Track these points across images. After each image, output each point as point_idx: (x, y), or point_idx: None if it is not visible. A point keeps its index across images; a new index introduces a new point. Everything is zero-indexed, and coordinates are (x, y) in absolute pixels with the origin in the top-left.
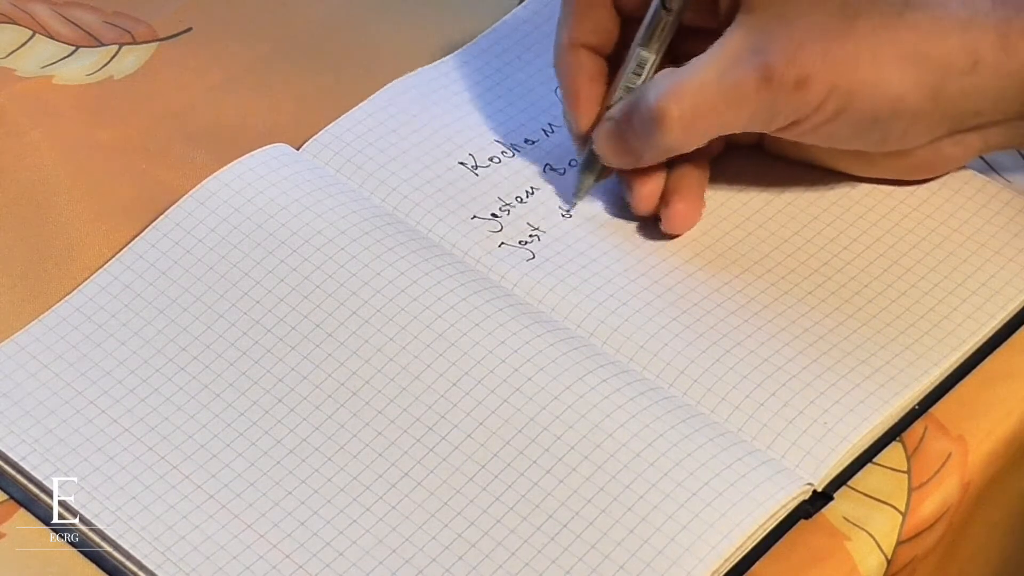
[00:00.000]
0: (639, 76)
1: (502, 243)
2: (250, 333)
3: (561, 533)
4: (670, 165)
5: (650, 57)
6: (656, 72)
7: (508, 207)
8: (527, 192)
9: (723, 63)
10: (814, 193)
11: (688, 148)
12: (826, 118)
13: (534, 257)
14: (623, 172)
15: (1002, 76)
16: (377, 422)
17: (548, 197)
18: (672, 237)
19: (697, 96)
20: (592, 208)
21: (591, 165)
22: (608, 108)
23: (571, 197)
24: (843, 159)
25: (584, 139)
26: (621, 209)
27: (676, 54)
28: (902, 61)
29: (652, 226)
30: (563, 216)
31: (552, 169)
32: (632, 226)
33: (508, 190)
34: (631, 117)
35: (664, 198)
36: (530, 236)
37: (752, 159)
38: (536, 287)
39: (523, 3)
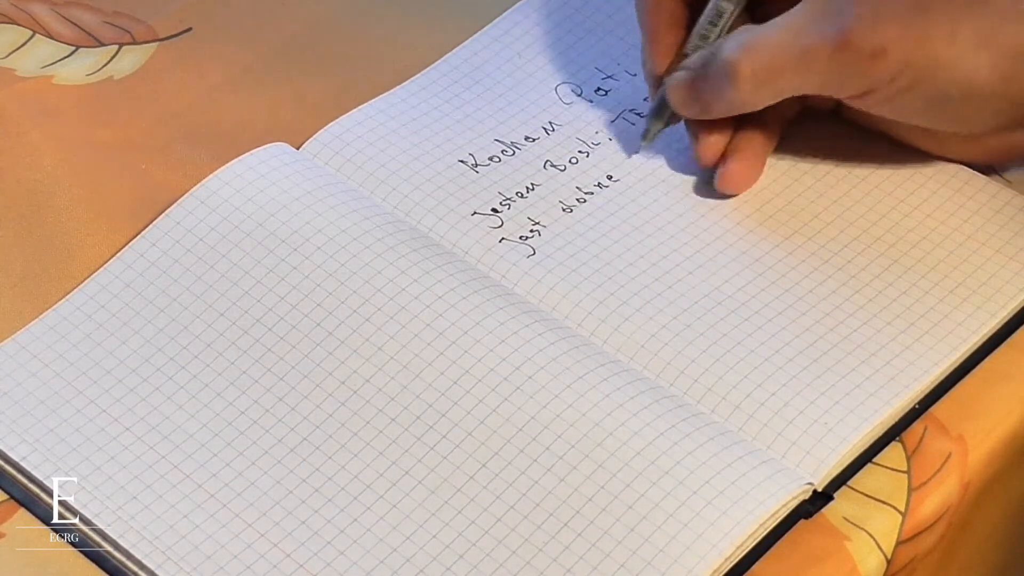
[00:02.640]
0: (716, 26)
1: (503, 238)
2: (251, 332)
3: (562, 531)
4: (739, 123)
5: (728, 7)
6: (734, 24)
7: (509, 202)
8: (527, 188)
9: (801, 25)
10: (813, 193)
11: (757, 106)
12: (897, 91)
13: (535, 253)
14: (691, 121)
15: None
16: (378, 420)
17: (548, 193)
18: (726, 197)
19: (771, 55)
20: (592, 205)
21: (661, 111)
22: (684, 54)
23: (638, 141)
24: (914, 134)
25: (657, 83)
26: (621, 206)
27: (760, 13)
28: (978, 43)
29: (650, 224)
30: (563, 211)
31: (552, 165)
32: (631, 223)
33: (508, 186)
34: (706, 68)
35: (723, 156)
36: (531, 231)
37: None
38: (537, 286)
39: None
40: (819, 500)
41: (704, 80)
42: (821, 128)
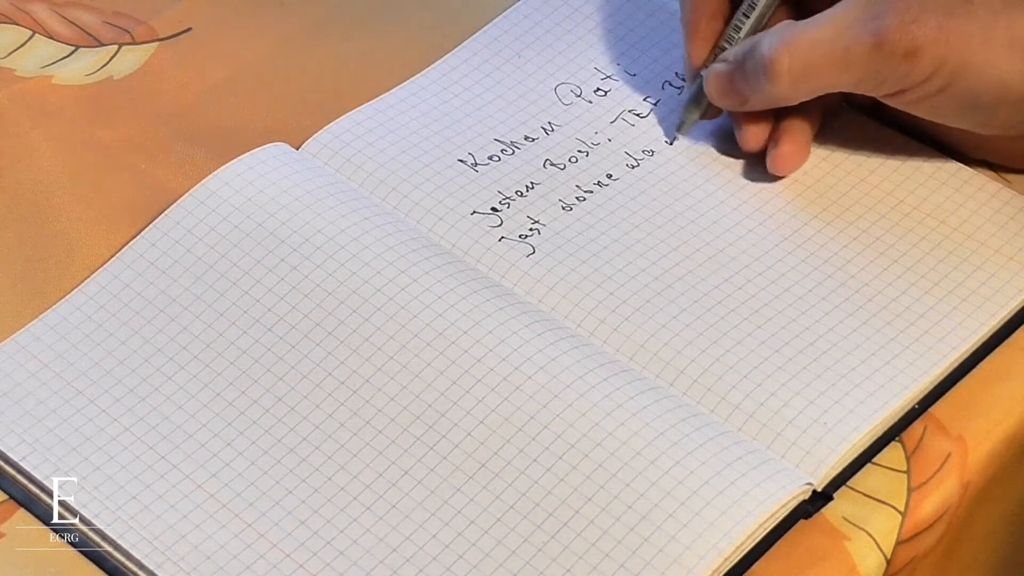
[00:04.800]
0: (748, 17)
1: (502, 237)
2: (250, 332)
3: (562, 531)
4: (782, 110)
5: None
6: (772, 17)
7: (508, 201)
8: (527, 187)
9: (840, 24)
10: (812, 193)
11: (793, 101)
12: (932, 92)
13: (534, 252)
14: (732, 112)
15: None
16: (377, 420)
17: (548, 191)
18: (778, 178)
19: (809, 52)
20: (591, 203)
21: (698, 101)
22: (722, 46)
23: (674, 131)
24: (953, 135)
25: (695, 74)
26: (620, 204)
27: (802, 8)
28: (1012, 47)
29: (650, 223)
30: (563, 210)
31: (552, 164)
32: (631, 222)
33: (508, 185)
34: (744, 62)
35: (773, 139)
36: (530, 230)
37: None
38: (536, 286)
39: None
40: (819, 500)
41: (742, 73)
42: (820, 130)
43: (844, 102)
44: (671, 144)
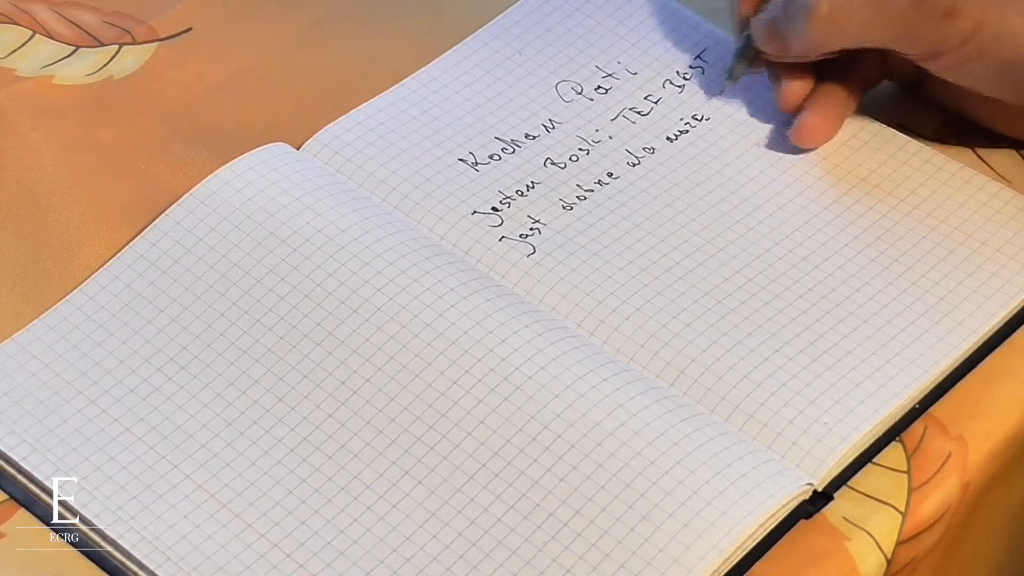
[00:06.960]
0: None
1: (503, 237)
2: (251, 332)
3: (562, 531)
4: (821, 77)
5: None
6: None
7: (508, 200)
8: (527, 186)
9: None
10: (813, 192)
11: (830, 48)
12: (966, 57)
13: (534, 252)
14: (773, 66)
15: None
16: (378, 420)
17: (548, 191)
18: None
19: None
20: (592, 202)
21: (745, 51)
22: None
23: (722, 81)
24: (988, 109)
25: (743, 25)
26: (621, 203)
27: None
28: None
29: (650, 222)
30: (563, 209)
31: (553, 163)
32: (632, 221)
33: (508, 184)
34: (788, 5)
35: (800, 108)
36: (531, 229)
37: (766, 155)
38: (537, 286)
39: None
40: (819, 500)
41: (784, 17)
42: None
43: (887, 78)
44: (722, 93)
